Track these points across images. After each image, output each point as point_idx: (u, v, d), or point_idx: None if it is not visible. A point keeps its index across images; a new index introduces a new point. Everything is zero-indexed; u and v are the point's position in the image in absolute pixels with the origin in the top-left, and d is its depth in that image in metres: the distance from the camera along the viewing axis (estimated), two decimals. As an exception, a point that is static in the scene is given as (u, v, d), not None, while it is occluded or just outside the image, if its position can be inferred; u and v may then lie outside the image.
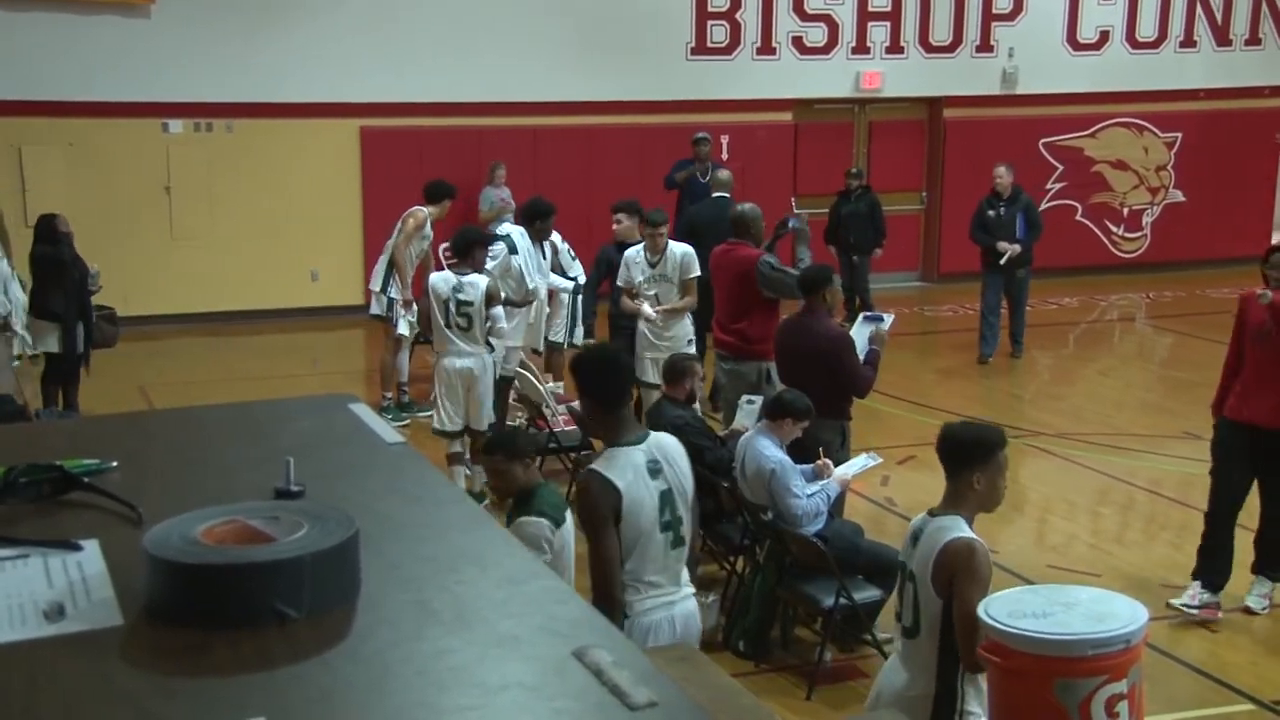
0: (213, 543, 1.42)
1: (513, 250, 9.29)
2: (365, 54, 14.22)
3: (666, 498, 4.49)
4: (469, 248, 8.43)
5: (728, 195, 11.38)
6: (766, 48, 15.76)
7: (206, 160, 14.02)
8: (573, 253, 10.45)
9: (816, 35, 15.92)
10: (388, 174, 14.32)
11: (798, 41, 15.86)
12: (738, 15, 15.60)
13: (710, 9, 15.49)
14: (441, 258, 14.27)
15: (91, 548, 1.54)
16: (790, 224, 8.48)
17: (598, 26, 14.97)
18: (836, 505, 6.74)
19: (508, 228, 9.77)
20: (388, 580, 1.46)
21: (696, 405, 7.45)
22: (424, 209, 10.56)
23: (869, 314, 8.06)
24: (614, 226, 9.69)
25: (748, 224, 8.42)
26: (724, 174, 11.64)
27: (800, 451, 6.65)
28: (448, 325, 8.29)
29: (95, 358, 9.91)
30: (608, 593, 4.43)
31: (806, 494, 6.34)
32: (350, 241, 14.39)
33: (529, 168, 14.53)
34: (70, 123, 13.50)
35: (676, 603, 4.61)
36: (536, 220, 9.48)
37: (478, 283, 8.28)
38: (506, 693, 1.23)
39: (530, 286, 9.37)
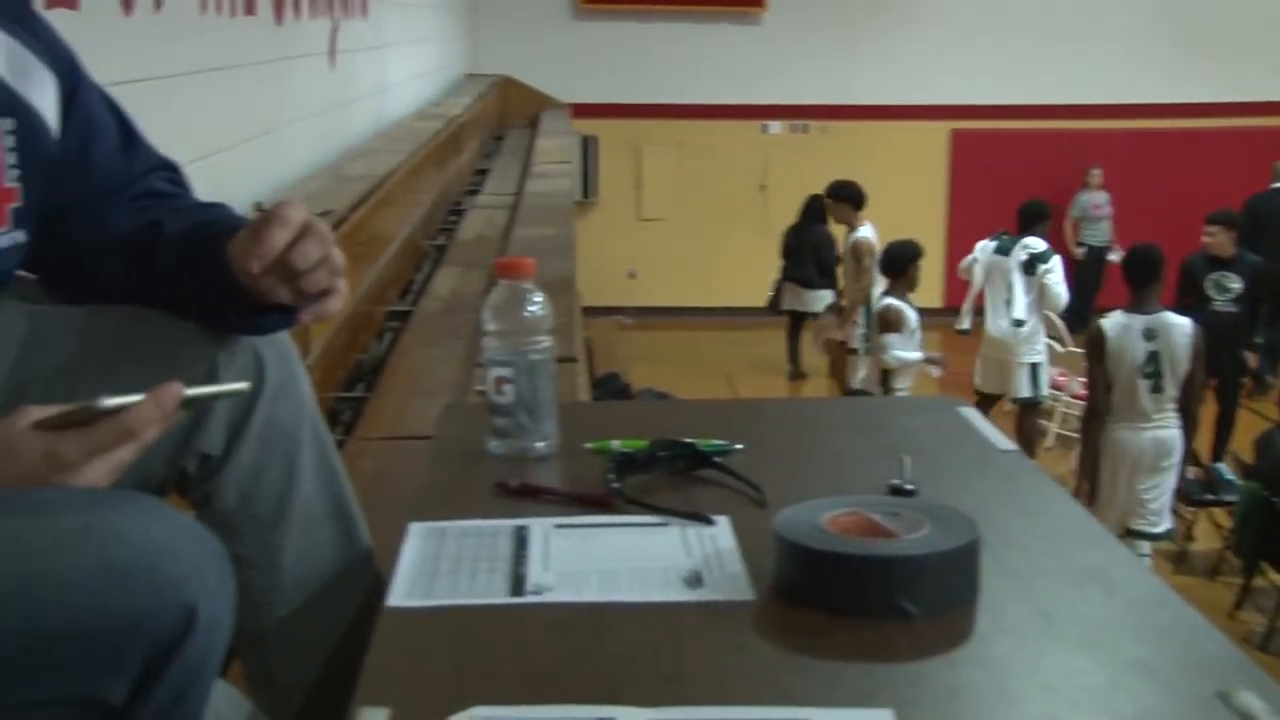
0: (837, 532, 1.47)
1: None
2: (958, 55, 14.20)
3: None
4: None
5: None
6: None
7: (799, 161, 14.61)
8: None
9: None
10: (976, 177, 14.26)
11: None
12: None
13: (1350, -3, 14.02)
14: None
15: (723, 523, 1.64)
16: None
17: (1207, 25, 14.02)
18: None
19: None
20: (1007, 589, 1.44)
21: None
22: None
23: None
24: (1204, 239, 9.24)
25: None
26: None
27: None
28: None
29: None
30: None
31: None
32: (936, 242, 14.35)
33: (1130, 172, 13.92)
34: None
35: None
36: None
37: None
38: (1141, 723, 1.18)
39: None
